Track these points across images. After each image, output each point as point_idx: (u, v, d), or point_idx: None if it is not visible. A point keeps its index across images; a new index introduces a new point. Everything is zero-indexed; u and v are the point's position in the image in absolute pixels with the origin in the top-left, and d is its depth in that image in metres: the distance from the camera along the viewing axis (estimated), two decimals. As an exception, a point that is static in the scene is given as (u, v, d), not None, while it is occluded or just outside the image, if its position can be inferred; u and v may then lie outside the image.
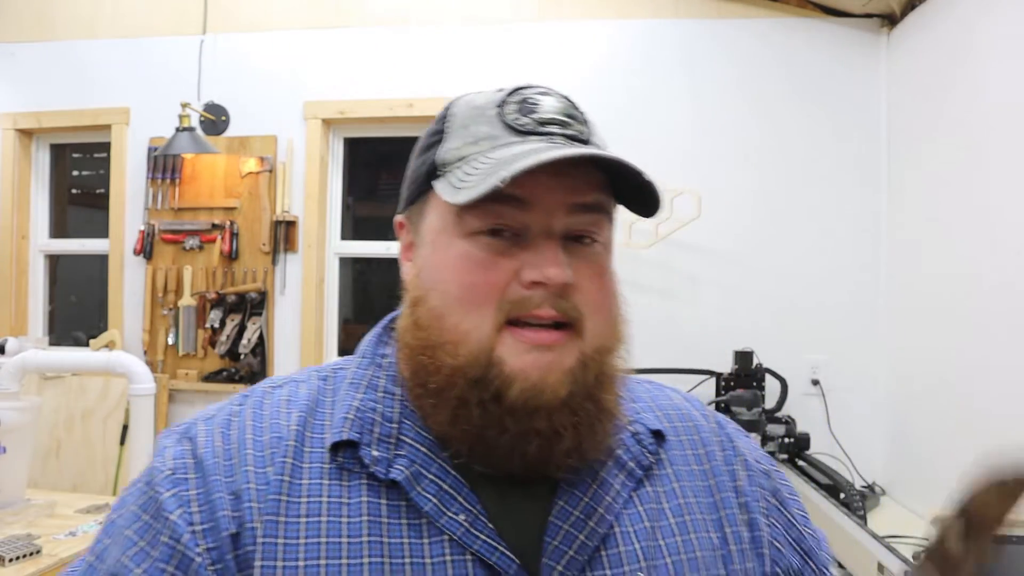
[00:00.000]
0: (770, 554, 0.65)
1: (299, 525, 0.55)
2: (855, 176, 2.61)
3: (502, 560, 0.54)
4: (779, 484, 0.71)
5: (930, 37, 2.30)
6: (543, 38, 2.78)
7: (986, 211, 1.95)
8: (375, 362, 0.63)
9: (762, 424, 2.33)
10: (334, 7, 2.90)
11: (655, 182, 0.57)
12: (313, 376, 0.65)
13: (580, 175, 0.57)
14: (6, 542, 1.67)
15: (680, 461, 0.66)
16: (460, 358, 0.55)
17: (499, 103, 0.60)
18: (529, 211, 0.56)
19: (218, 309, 2.92)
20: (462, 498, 0.56)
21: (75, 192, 3.39)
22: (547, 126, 0.58)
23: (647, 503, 0.62)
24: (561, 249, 0.57)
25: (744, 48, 2.67)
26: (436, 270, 0.58)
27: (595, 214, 0.59)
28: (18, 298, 3.13)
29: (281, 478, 0.56)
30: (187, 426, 0.62)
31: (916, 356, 2.35)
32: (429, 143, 0.62)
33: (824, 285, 2.61)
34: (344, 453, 0.57)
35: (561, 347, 0.56)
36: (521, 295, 0.55)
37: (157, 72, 2.98)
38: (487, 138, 0.58)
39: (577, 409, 0.56)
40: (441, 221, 0.59)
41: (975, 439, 1.96)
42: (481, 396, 0.55)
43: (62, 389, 2.89)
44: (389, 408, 0.60)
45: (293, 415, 0.60)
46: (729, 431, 0.72)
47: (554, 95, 0.61)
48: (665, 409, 0.70)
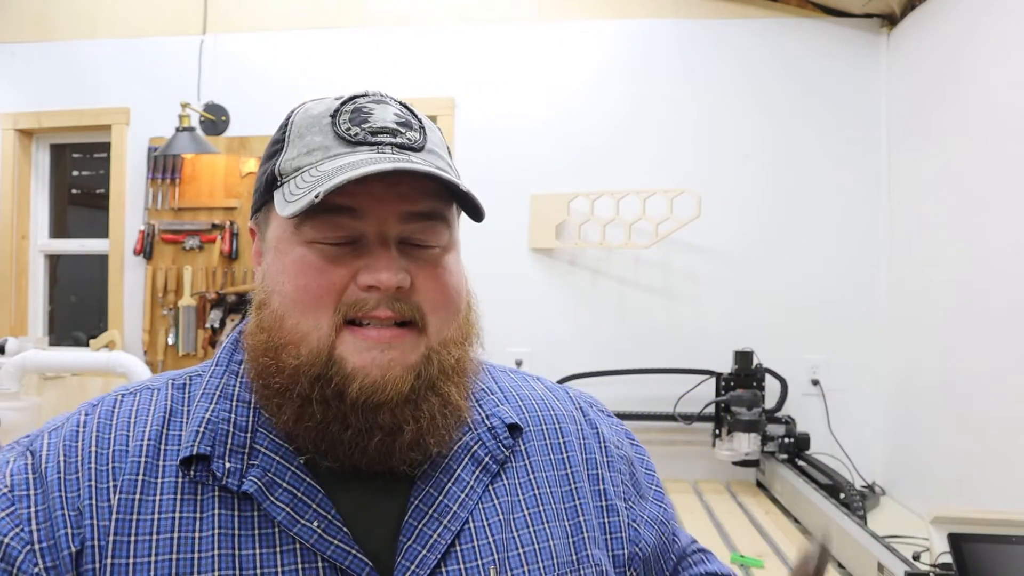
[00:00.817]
0: (628, 535, 0.69)
1: (150, 542, 0.55)
2: (855, 176, 2.61)
3: (355, 564, 0.56)
4: (637, 466, 0.76)
5: (930, 37, 2.30)
6: (543, 38, 2.77)
7: (986, 211, 1.95)
8: (230, 369, 0.64)
9: (762, 424, 2.34)
10: (334, 7, 2.90)
11: (471, 192, 0.59)
12: (169, 384, 0.65)
13: (412, 183, 0.59)
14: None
15: (537, 452, 0.69)
16: (301, 357, 0.57)
17: (333, 112, 0.61)
18: (363, 220, 0.58)
19: (218, 309, 2.92)
20: (316, 504, 0.57)
21: (75, 192, 3.39)
22: (378, 135, 0.60)
23: (502, 496, 0.64)
24: (397, 254, 0.59)
25: (744, 48, 2.67)
26: (277, 274, 0.60)
27: (428, 221, 0.61)
28: (18, 298, 3.13)
29: (132, 496, 0.56)
30: (31, 439, 0.61)
31: (916, 356, 2.35)
32: (272, 152, 0.64)
33: (824, 285, 2.61)
34: (197, 467, 0.58)
35: (402, 343, 0.58)
36: (358, 297, 0.58)
37: (157, 72, 2.98)
38: (319, 148, 0.60)
39: (420, 403, 0.59)
40: (281, 229, 0.61)
41: (975, 439, 1.96)
42: (323, 393, 0.57)
43: (62, 389, 2.89)
44: (242, 417, 0.60)
45: (147, 428, 0.60)
46: (592, 417, 0.76)
47: (389, 103, 0.63)
48: (526, 400, 0.73)
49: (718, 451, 2.41)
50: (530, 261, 2.75)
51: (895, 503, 2.38)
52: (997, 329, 1.88)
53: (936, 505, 1.78)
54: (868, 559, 1.54)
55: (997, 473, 1.86)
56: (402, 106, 0.63)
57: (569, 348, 2.68)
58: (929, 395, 2.25)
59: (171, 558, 0.54)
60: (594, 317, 2.70)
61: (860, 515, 1.85)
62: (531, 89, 2.76)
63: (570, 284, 2.74)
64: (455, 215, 0.65)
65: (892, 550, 1.50)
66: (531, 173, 2.72)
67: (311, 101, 0.65)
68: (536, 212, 2.73)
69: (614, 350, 2.66)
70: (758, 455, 2.37)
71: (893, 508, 2.33)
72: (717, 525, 2.04)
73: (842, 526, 1.72)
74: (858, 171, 2.60)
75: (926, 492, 2.22)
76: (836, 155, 2.62)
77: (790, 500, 2.18)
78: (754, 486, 2.51)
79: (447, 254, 0.63)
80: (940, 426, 2.16)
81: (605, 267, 2.72)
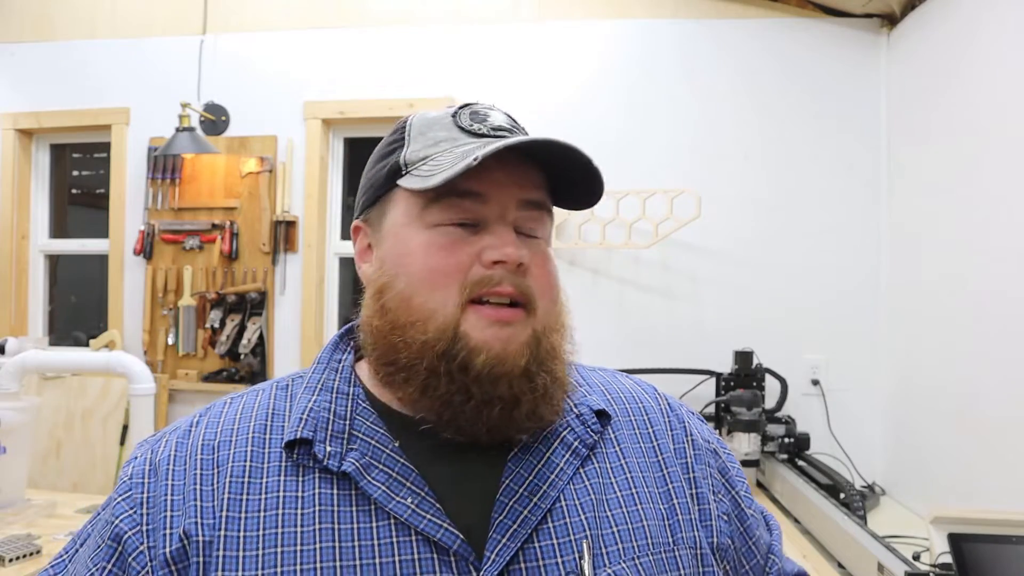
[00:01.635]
0: (716, 526, 0.70)
1: (258, 519, 0.59)
2: (855, 176, 2.61)
3: (446, 536, 0.58)
4: (727, 463, 0.77)
5: (930, 37, 2.30)
6: (543, 38, 2.78)
7: (986, 210, 1.95)
8: (330, 367, 0.69)
9: (762, 424, 2.33)
10: (334, 7, 2.90)
11: (600, 170, 0.65)
12: (273, 386, 0.70)
13: (527, 174, 0.65)
14: (6, 542, 1.67)
15: (628, 439, 0.71)
16: (429, 333, 0.61)
17: (452, 114, 0.68)
18: (486, 204, 0.63)
19: (218, 309, 2.92)
20: (410, 483, 0.61)
21: (75, 192, 3.39)
22: (499, 131, 0.66)
23: (593, 478, 0.66)
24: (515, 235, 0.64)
25: (744, 48, 2.67)
26: (401, 257, 0.64)
27: (539, 210, 0.67)
28: (18, 298, 3.13)
29: (241, 480, 0.61)
30: (156, 437, 0.68)
31: (916, 356, 2.35)
32: (389, 150, 0.69)
33: (824, 285, 2.61)
34: (300, 451, 0.62)
35: (517, 323, 0.63)
36: (482, 275, 0.62)
37: (157, 72, 2.98)
38: (446, 140, 0.66)
39: (534, 377, 0.62)
40: (405, 216, 0.65)
41: (975, 439, 1.96)
42: (449, 367, 0.61)
43: (62, 389, 2.89)
44: (342, 407, 0.65)
45: (252, 423, 0.65)
46: (680, 413, 0.78)
47: (499, 110, 0.69)
48: (614, 393, 0.76)
49: (718, 451, 2.41)
50: (530, 261, 2.74)
51: (895, 503, 2.38)
52: (997, 329, 1.88)
53: (936, 505, 1.78)
54: (868, 559, 1.54)
55: (997, 473, 1.86)
56: (508, 115, 0.70)
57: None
58: (929, 395, 2.25)
59: (277, 532, 0.59)
60: (594, 317, 2.70)
61: (860, 515, 1.85)
62: (531, 89, 2.76)
63: (570, 284, 2.70)
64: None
65: (892, 550, 1.50)
66: (531, 173, 2.72)
67: (422, 110, 0.70)
68: (536, 212, 2.72)
69: (614, 350, 2.65)
70: (758, 455, 2.37)
71: (893, 508, 2.33)
72: (717, 525, 2.04)
73: (842, 526, 1.72)
74: (858, 171, 2.60)
75: (926, 492, 2.22)
76: (836, 155, 2.62)
77: (790, 500, 2.18)
78: (754, 486, 2.51)
79: (548, 246, 0.69)
80: (940, 426, 2.16)
81: (605, 267, 2.72)
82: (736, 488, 0.75)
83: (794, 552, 1.80)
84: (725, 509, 0.72)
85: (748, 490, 0.76)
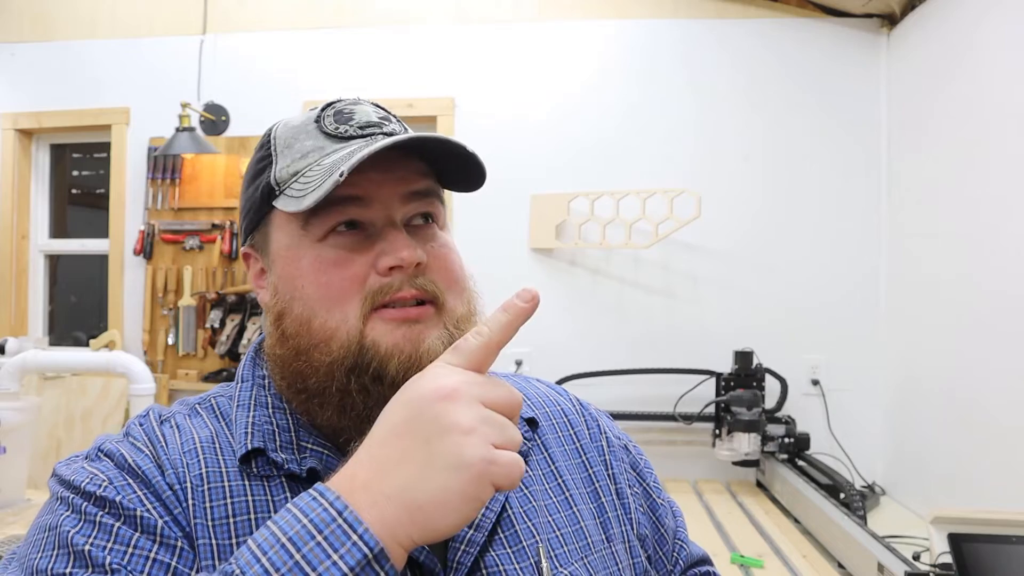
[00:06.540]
0: (636, 518, 0.73)
1: (228, 525, 0.57)
2: (855, 176, 2.61)
3: (415, 550, 0.57)
4: (637, 457, 0.79)
5: (930, 37, 2.30)
6: (543, 38, 2.77)
7: (986, 211, 1.95)
8: (257, 383, 0.66)
9: (762, 424, 2.33)
10: (334, 7, 2.90)
11: (478, 154, 0.62)
12: (196, 406, 0.66)
13: (407, 167, 0.62)
14: (6, 542, 1.67)
15: (554, 443, 0.73)
16: (334, 352, 0.59)
17: (316, 119, 0.64)
18: (369, 207, 0.60)
19: (218, 309, 2.92)
20: None
21: (75, 192, 3.39)
22: (366, 129, 0.63)
23: (531, 486, 0.67)
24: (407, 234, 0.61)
25: (744, 48, 2.67)
26: (293, 280, 0.61)
27: (427, 198, 0.64)
28: (18, 298, 3.13)
29: (201, 488, 0.58)
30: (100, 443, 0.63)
31: (916, 356, 2.35)
32: (259, 168, 0.65)
33: (824, 285, 2.61)
34: (257, 461, 0.60)
35: (427, 319, 0.60)
36: (381, 283, 0.59)
37: (157, 72, 2.98)
38: (313, 150, 0.62)
39: None
40: (288, 237, 0.62)
41: (975, 440, 1.96)
42: (361, 381, 0.58)
43: (62, 389, 2.89)
44: (283, 420, 0.63)
45: (196, 436, 0.62)
46: (592, 412, 0.80)
47: (364, 103, 0.65)
48: (533, 399, 0.76)
49: (718, 451, 2.41)
50: (530, 261, 2.75)
51: (895, 503, 2.38)
52: (997, 329, 1.88)
53: (936, 505, 1.78)
54: (868, 559, 1.54)
55: (997, 473, 1.86)
56: (376, 105, 0.66)
57: (569, 348, 2.68)
58: (929, 395, 2.25)
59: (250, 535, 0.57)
60: (594, 317, 2.70)
61: (860, 515, 1.85)
62: (531, 89, 2.76)
63: (570, 284, 2.74)
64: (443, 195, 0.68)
65: (892, 550, 1.50)
66: (531, 173, 2.72)
67: (285, 119, 0.67)
68: (536, 212, 2.73)
69: (614, 350, 2.66)
70: (758, 455, 2.37)
71: (893, 508, 2.33)
72: (717, 525, 2.04)
73: (842, 526, 1.72)
74: (858, 171, 2.60)
75: (926, 492, 2.22)
76: (836, 155, 2.62)
77: (790, 500, 2.18)
78: (754, 486, 2.51)
79: (445, 231, 0.66)
80: (940, 426, 2.16)
81: (605, 267, 2.72)
82: (647, 480, 0.78)
83: (794, 552, 1.80)
84: (640, 502, 0.75)
85: (657, 480, 0.79)
